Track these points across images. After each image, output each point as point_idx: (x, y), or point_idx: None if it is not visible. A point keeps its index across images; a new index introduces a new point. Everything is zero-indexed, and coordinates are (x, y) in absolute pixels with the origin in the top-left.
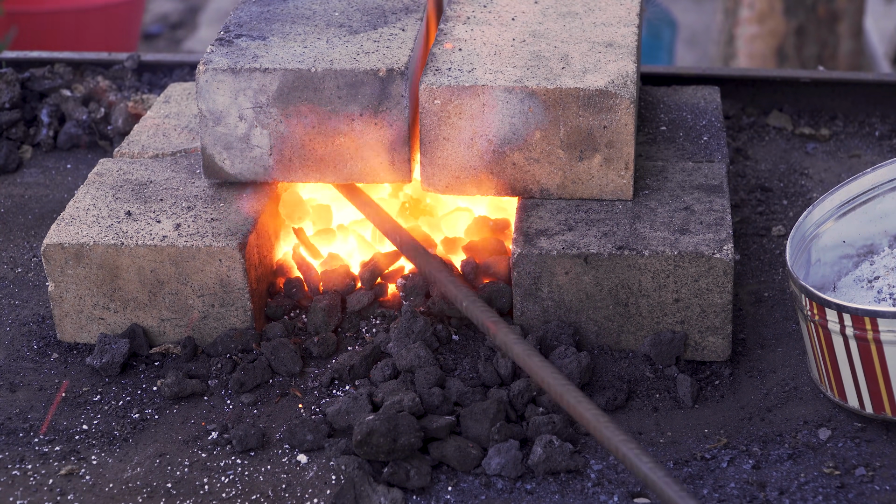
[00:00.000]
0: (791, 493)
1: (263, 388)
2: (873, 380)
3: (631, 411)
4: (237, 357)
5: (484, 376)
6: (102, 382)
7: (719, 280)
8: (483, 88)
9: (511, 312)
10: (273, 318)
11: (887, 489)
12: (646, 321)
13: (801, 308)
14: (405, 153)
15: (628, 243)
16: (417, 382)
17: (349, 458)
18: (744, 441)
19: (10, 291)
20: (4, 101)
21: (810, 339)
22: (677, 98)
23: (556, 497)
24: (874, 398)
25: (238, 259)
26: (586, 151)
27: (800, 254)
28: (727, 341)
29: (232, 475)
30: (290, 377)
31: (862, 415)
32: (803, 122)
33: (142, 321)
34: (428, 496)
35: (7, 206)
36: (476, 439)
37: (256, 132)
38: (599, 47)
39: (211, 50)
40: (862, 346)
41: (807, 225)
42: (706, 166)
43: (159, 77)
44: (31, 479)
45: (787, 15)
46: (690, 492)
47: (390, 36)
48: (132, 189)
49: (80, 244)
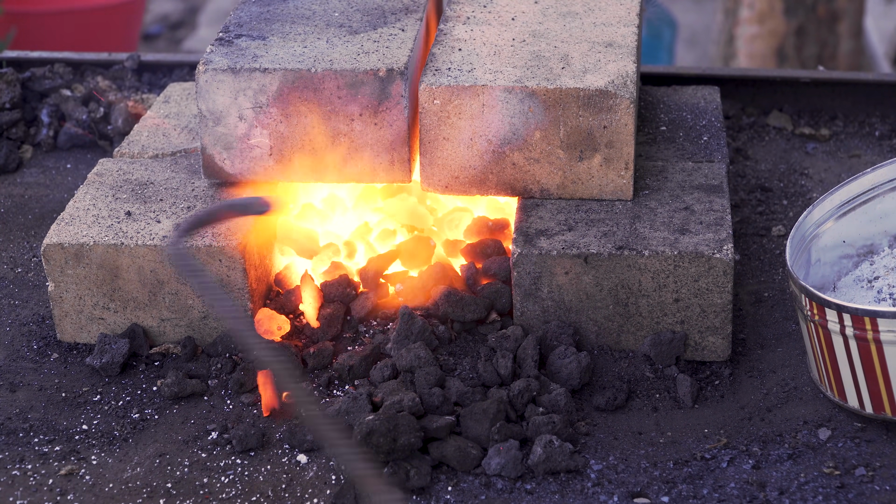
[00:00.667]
0: (791, 493)
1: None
2: (873, 380)
3: (631, 411)
4: (237, 357)
5: (484, 376)
6: (102, 382)
7: (719, 280)
8: (483, 88)
9: (511, 313)
10: None
11: (887, 489)
12: (646, 321)
13: (801, 308)
14: (405, 153)
15: (628, 243)
16: (417, 382)
17: None
18: (744, 441)
19: (10, 291)
20: (5, 101)
21: (810, 340)
22: (677, 98)
23: (556, 497)
24: (874, 398)
25: (238, 259)
26: (586, 151)
27: (800, 254)
28: (727, 341)
29: (232, 475)
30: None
31: (862, 415)
32: (803, 122)
33: (142, 321)
34: (428, 496)
35: (7, 206)
36: (476, 439)
37: (256, 132)
38: (599, 47)
39: (211, 50)
40: (862, 346)
41: (807, 225)
42: (706, 166)
43: (159, 77)
44: (31, 479)
45: (787, 15)
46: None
47: (390, 36)
48: (132, 189)
49: (80, 244)
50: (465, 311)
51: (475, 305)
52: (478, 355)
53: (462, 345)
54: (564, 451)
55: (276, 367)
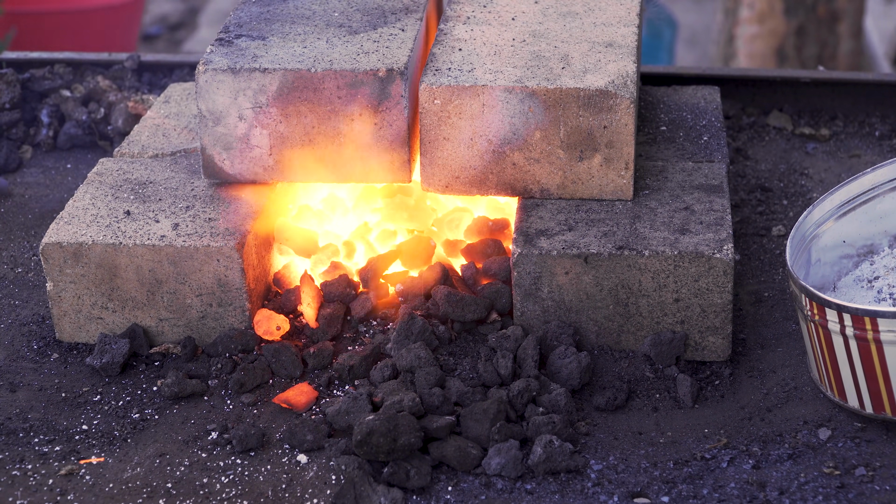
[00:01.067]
0: (791, 493)
1: (263, 388)
2: (873, 380)
3: (631, 411)
4: (237, 357)
5: (484, 376)
6: (102, 382)
7: (719, 280)
8: (483, 88)
9: (511, 313)
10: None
11: (887, 489)
12: (646, 321)
13: (801, 308)
14: (405, 153)
15: (628, 243)
16: (417, 383)
17: (349, 458)
18: (744, 441)
19: (10, 291)
20: (5, 102)
21: (810, 339)
22: (677, 98)
23: (556, 497)
24: (874, 398)
25: (236, 259)
26: (586, 151)
27: (800, 254)
28: (727, 341)
29: (232, 475)
30: (291, 379)
31: (862, 415)
32: (803, 122)
33: (140, 321)
34: (428, 496)
35: (7, 206)
36: (476, 439)
37: (256, 132)
38: (599, 47)
39: (211, 50)
40: (862, 346)
41: (807, 225)
42: (706, 166)
43: (159, 77)
44: (31, 479)
45: (787, 15)
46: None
47: (390, 36)
48: (132, 189)
49: (79, 243)
50: (465, 312)
51: (475, 305)
52: (478, 355)
53: (462, 345)
54: (564, 451)
55: None
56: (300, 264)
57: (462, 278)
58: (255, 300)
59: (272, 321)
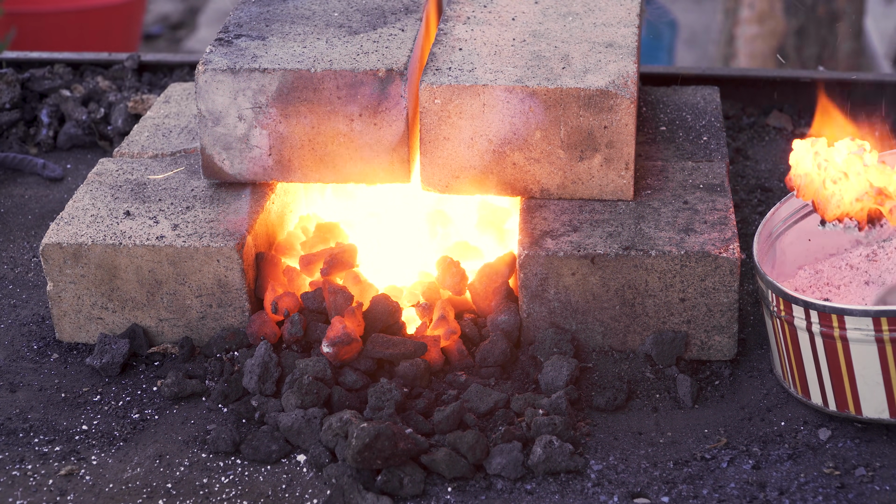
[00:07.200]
0: (791, 493)
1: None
2: (838, 377)
3: (631, 411)
4: (228, 358)
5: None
6: (102, 382)
7: (725, 279)
8: (483, 88)
9: (504, 364)
10: None
11: (887, 489)
12: (652, 321)
13: (767, 304)
14: (404, 153)
15: (634, 244)
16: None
17: (338, 465)
18: (744, 441)
19: (10, 291)
20: (5, 102)
21: (776, 336)
22: (677, 98)
23: (556, 497)
24: (838, 396)
25: (235, 259)
26: (586, 151)
27: (767, 250)
28: (733, 340)
29: (232, 475)
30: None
31: (825, 412)
32: (803, 122)
33: (140, 321)
34: (428, 496)
35: (7, 206)
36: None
37: (256, 132)
38: (600, 47)
39: (210, 50)
40: (828, 343)
41: (774, 221)
42: (706, 166)
43: (159, 77)
44: (31, 479)
45: (787, 15)
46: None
47: (390, 36)
48: (131, 189)
49: (79, 244)
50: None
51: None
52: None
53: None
54: (564, 452)
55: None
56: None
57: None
58: (254, 301)
59: (266, 324)
